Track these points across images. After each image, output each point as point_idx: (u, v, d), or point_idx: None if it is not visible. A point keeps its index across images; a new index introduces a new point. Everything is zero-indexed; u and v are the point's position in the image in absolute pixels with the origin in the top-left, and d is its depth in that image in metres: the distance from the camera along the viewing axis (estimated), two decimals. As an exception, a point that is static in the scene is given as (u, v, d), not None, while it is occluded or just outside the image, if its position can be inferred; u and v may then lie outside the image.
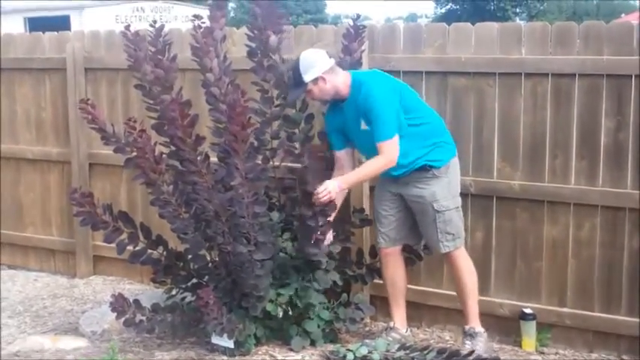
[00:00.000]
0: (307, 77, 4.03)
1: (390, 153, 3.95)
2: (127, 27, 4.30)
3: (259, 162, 4.19)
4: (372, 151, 4.05)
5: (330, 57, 4.11)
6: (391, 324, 4.36)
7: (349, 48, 4.34)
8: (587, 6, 43.83)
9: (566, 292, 4.32)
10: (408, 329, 4.40)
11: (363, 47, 4.40)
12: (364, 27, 4.40)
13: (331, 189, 3.91)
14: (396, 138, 3.95)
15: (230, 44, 4.93)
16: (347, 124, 4.16)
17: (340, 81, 4.08)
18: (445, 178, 4.08)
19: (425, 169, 4.05)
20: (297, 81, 4.07)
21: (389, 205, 4.24)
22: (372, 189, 4.64)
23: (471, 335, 4.16)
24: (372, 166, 4.04)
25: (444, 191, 4.07)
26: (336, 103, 4.18)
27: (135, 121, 3.94)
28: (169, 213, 4.09)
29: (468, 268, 4.18)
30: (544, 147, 4.25)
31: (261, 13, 4.28)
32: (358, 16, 4.42)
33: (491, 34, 4.31)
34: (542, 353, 4.30)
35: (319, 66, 4.04)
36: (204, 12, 4.41)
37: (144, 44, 4.27)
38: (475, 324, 4.19)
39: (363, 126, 4.05)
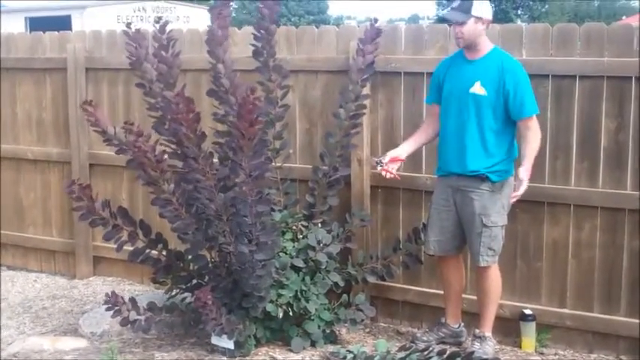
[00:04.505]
0: (475, 10, 3.97)
1: (538, 127, 3.98)
2: (129, 25, 4.30)
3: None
4: (456, 112, 4.04)
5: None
6: (442, 320, 4.40)
7: (363, 50, 4.33)
8: (589, 8, 43.81)
9: (566, 293, 4.32)
10: (461, 325, 4.41)
11: (377, 50, 4.38)
12: (381, 30, 4.37)
13: (525, 185, 3.91)
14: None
15: (231, 44, 4.92)
16: (453, 80, 4.10)
17: (483, 40, 4.05)
18: (498, 195, 4.04)
19: (481, 178, 4.01)
20: (464, 7, 3.98)
21: (446, 216, 4.18)
22: (372, 188, 4.64)
23: (480, 338, 4.19)
24: (535, 141, 3.97)
25: (497, 207, 4.04)
26: (457, 57, 4.15)
27: (132, 124, 3.93)
28: (170, 213, 4.08)
29: (497, 280, 4.17)
30: (544, 148, 4.24)
31: (268, 14, 4.29)
32: (376, 20, 4.39)
33: (492, 36, 4.29)
34: (542, 354, 4.30)
35: (489, 11, 4.07)
36: (205, 13, 4.43)
37: (145, 42, 4.27)
38: (487, 330, 4.21)
39: (478, 89, 3.98)
